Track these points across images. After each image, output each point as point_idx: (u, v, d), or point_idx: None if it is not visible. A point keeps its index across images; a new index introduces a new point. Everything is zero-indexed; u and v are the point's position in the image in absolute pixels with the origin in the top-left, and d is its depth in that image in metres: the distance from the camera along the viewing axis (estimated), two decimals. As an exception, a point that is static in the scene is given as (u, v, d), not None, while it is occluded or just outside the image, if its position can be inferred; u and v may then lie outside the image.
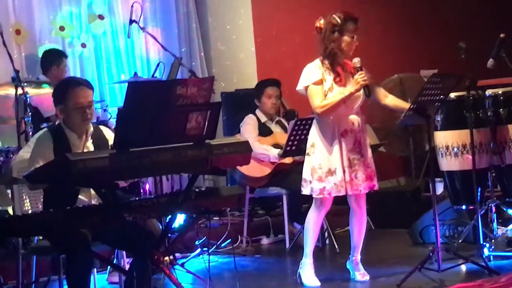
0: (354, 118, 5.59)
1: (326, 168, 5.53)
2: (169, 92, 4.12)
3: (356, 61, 5.50)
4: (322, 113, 5.50)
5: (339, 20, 5.49)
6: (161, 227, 4.81)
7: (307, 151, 5.65)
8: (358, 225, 5.77)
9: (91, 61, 8.48)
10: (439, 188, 7.17)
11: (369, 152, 5.69)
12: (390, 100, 5.77)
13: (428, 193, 8.22)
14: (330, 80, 5.52)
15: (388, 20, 10.19)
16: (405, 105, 5.67)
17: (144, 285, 4.62)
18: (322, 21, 5.58)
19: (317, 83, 5.51)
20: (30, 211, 5.13)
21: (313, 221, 5.69)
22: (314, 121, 5.66)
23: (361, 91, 5.50)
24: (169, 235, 5.96)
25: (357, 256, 5.78)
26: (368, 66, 5.38)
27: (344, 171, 5.52)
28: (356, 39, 5.53)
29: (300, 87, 5.60)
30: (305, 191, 5.64)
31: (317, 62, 5.57)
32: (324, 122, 5.57)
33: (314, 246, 5.78)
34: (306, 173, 5.62)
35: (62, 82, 5.16)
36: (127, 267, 5.29)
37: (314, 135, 5.61)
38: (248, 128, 7.31)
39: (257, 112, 7.44)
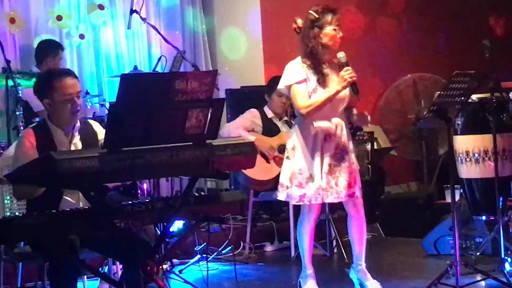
0: (338, 122, 5.18)
1: (307, 173, 5.13)
2: (167, 86, 3.70)
3: (342, 56, 5.08)
4: (307, 113, 5.10)
5: (316, 14, 5.11)
6: (158, 232, 4.39)
7: (286, 154, 5.24)
8: (359, 232, 5.34)
9: (90, 53, 8.09)
10: (455, 196, 6.75)
11: (353, 158, 5.25)
12: None
13: (442, 200, 7.86)
14: (314, 81, 5.12)
15: (403, 18, 9.85)
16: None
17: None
18: (299, 21, 5.23)
19: (300, 82, 5.12)
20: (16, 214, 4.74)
21: (305, 230, 5.31)
22: (296, 123, 5.26)
23: (348, 89, 5.09)
24: (167, 239, 5.57)
25: (362, 264, 5.36)
26: (381, 66, 5.02)
27: (321, 178, 5.11)
28: (339, 31, 5.13)
29: (281, 86, 5.20)
30: (280, 196, 5.25)
31: (299, 60, 5.17)
32: (306, 124, 5.15)
33: (311, 254, 5.39)
34: (284, 178, 5.22)
35: (44, 74, 4.75)
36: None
37: (295, 138, 5.19)
38: (240, 119, 6.92)
39: (265, 108, 7.02)
